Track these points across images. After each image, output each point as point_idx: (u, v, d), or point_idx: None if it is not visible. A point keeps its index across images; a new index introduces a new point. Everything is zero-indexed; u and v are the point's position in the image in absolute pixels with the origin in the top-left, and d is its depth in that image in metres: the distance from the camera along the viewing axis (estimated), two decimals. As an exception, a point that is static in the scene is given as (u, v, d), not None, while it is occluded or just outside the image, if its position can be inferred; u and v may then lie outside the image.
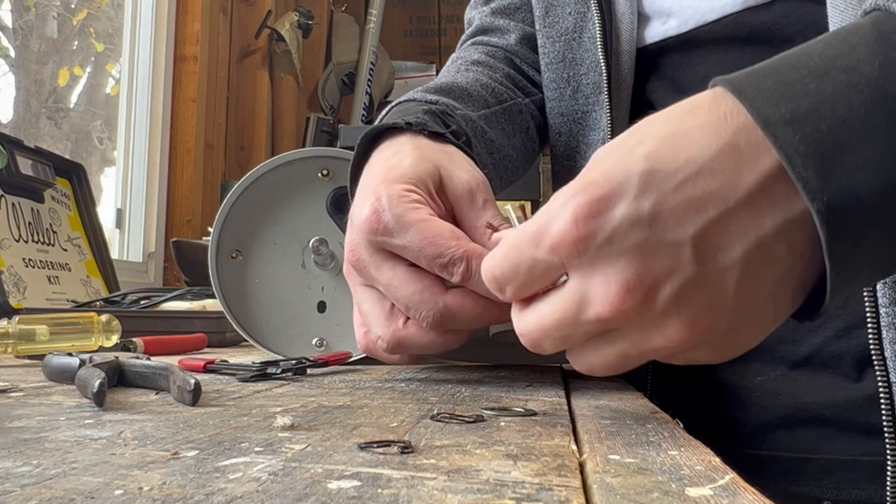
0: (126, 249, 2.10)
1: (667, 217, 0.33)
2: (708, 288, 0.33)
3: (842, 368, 0.58)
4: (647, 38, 0.70)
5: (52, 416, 0.37)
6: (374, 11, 2.92)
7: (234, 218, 0.70)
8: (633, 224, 0.33)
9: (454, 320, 0.48)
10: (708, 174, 0.33)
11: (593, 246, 0.33)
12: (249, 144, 2.57)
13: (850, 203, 0.31)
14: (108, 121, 2.24)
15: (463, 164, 0.53)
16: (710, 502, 0.23)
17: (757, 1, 0.62)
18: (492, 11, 0.81)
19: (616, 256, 0.33)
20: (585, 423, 0.36)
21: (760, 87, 0.33)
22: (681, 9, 0.67)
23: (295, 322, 0.70)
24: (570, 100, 0.74)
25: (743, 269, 0.33)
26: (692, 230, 0.32)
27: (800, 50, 0.35)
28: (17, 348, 0.67)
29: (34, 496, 0.22)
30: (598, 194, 0.33)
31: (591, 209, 0.33)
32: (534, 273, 0.36)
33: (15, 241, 1.21)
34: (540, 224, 0.35)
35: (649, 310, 0.33)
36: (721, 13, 0.64)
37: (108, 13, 2.27)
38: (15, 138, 1.29)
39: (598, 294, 0.34)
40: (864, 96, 0.32)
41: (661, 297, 0.33)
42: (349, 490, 0.23)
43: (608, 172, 0.34)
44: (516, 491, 0.23)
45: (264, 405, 0.41)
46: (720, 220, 0.32)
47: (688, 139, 0.33)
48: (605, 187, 0.33)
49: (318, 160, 0.70)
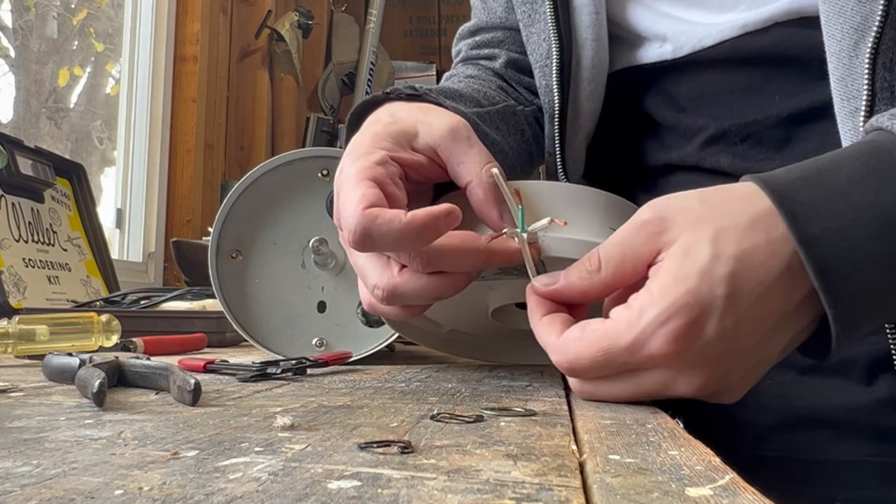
0: (126, 249, 2.10)
1: (743, 330, 0.41)
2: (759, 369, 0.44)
3: (853, 374, 0.58)
4: (645, 58, 0.70)
5: (52, 416, 0.37)
6: (374, 11, 2.92)
7: (234, 218, 0.70)
8: (719, 339, 0.40)
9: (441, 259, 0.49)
10: (773, 294, 0.41)
11: (689, 358, 0.41)
12: (249, 144, 2.57)
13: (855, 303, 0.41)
14: (108, 121, 2.24)
15: (439, 114, 0.53)
16: (710, 502, 0.23)
17: (755, 26, 0.62)
18: (476, 44, 0.82)
19: (703, 364, 0.41)
20: (585, 423, 0.36)
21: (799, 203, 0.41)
22: (675, 34, 0.67)
23: (295, 322, 0.70)
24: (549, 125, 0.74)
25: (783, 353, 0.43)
26: (759, 336, 0.42)
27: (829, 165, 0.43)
28: (17, 348, 0.67)
29: (34, 496, 0.22)
30: (693, 316, 0.40)
31: (688, 330, 0.40)
32: (618, 370, 0.42)
33: (15, 241, 1.21)
34: (637, 337, 0.41)
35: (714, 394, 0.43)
36: (718, 38, 0.64)
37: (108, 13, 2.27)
38: (15, 138, 1.29)
39: (683, 384, 0.42)
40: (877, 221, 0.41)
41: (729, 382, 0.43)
42: (349, 490, 0.23)
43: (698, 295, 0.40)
44: (516, 491, 0.23)
45: (264, 405, 0.41)
46: (777, 324, 0.42)
47: (756, 258, 0.41)
48: (696, 310, 0.40)
49: (318, 160, 0.70)
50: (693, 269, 0.40)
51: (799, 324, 0.42)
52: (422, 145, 0.52)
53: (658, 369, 0.42)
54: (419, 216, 0.45)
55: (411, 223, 0.44)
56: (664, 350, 0.40)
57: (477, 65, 0.82)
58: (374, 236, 0.45)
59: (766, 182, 0.42)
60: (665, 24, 0.67)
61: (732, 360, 0.42)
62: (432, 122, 0.52)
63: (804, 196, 0.41)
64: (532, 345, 0.65)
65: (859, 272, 0.40)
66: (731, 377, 0.42)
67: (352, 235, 0.46)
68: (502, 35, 0.81)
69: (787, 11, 0.61)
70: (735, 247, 0.41)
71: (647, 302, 0.41)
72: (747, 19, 0.63)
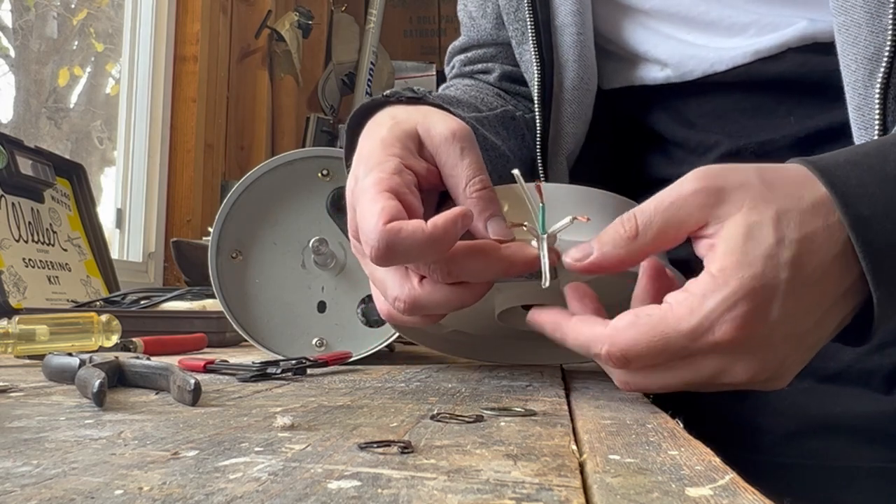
0: (126, 249, 2.09)
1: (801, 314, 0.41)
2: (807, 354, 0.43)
3: (872, 384, 0.58)
4: (646, 80, 0.69)
5: (52, 416, 0.37)
6: (374, 11, 2.92)
7: (234, 218, 0.70)
8: (780, 323, 0.40)
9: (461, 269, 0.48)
10: (827, 279, 0.41)
11: (752, 344, 0.40)
12: (249, 144, 2.57)
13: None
14: (108, 121, 2.24)
15: (440, 118, 0.52)
16: (710, 502, 0.23)
17: (768, 52, 0.62)
18: (469, 60, 0.82)
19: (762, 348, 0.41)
20: (585, 423, 0.36)
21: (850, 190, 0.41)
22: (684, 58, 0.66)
23: (295, 322, 0.70)
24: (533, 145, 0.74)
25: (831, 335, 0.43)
26: (814, 319, 0.42)
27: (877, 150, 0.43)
28: (17, 348, 0.67)
29: (34, 496, 0.22)
30: (758, 302, 0.40)
31: (755, 317, 0.40)
32: (676, 356, 0.41)
33: (15, 241, 1.21)
34: (700, 323, 0.40)
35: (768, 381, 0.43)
36: (731, 64, 0.63)
37: (108, 13, 2.27)
38: (15, 138, 1.29)
39: (742, 371, 0.41)
40: None
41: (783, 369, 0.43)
42: (349, 490, 0.23)
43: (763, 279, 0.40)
44: (516, 491, 0.23)
45: (264, 405, 0.41)
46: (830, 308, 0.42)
47: (815, 243, 0.41)
48: (761, 295, 0.40)
49: (318, 160, 0.70)
50: (758, 253, 0.40)
51: (846, 307, 0.43)
52: (424, 152, 0.51)
53: (716, 356, 0.41)
54: (440, 224, 0.44)
55: (434, 233, 0.44)
56: (730, 335, 0.40)
57: (473, 77, 0.81)
58: (399, 251, 0.44)
59: (816, 165, 0.42)
60: (668, 47, 0.67)
61: (791, 345, 0.41)
62: (431, 128, 0.51)
63: (854, 179, 0.41)
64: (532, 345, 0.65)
65: None
66: (785, 362, 0.42)
67: (375, 251, 0.44)
68: (494, 51, 0.80)
69: (802, 37, 0.60)
70: (797, 231, 0.41)
71: (710, 287, 0.40)
72: (760, 45, 0.62)
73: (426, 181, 0.51)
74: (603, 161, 0.74)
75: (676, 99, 0.68)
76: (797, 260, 0.40)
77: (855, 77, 0.54)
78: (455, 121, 0.52)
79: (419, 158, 0.50)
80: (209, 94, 2.30)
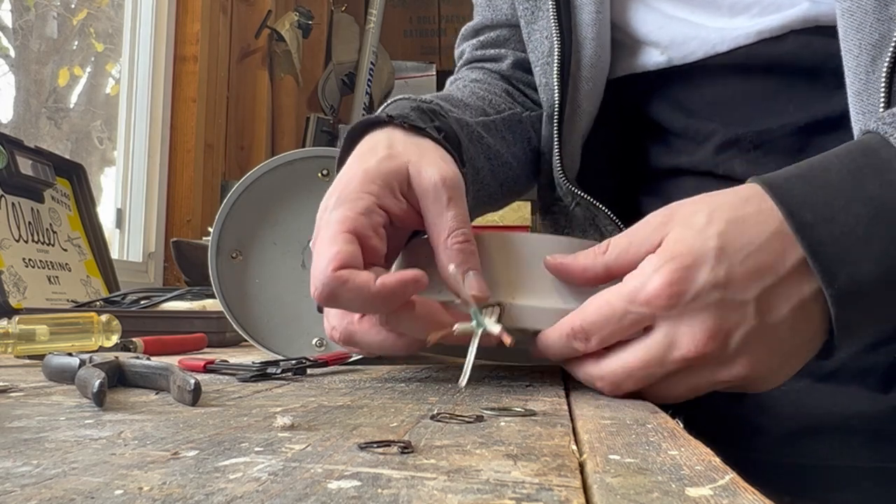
0: (126, 249, 2.09)
1: (736, 282, 0.43)
2: (767, 336, 0.44)
3: (870, 381, 0.58)
4: (647, 66, 0.69)
5: (52, 416, 0.37)
6: (374, 11, 2.92)
7: (234, 218, 0.70)
8: (712, 287, 0.43)
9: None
10: (763, 252, 0.43)
11: (682, 302, 0.43)
12: (249, 144, 2.56)
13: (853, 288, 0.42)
14: (108, 121, 2.24)
15: (433, 159, 0.52)
16: (710, 502, 0.23)
17: (770, 33, 0.62)
18: (481, 44, 0.81)
19: (700, 311, 0.43)
20: (585, 423, 0.36)
21: (791, 195, 0.44)
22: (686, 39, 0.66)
23: (295, 322, 0.70)
24: (547, 123, 0.74)
25: (792, 321, 0.44)
26: (754, 293, 0.43)
27: (820, 161, 0.46)
28: (17, 348, 0.67)
29: (34, 496, 0.22)
30: (686, 263, 0.43)
31: (681, 274, 0.43)
32: (623, 323, 0.44)
33: (15, 241, 1.21)
34: (635, 285, 0.44)
35: (723, 353, 0.43)
36: (733, 45, 0.64)
37: (108, 13, 2.27)
38: (15, 138, 1.29)
39: (685, 338, 0.43)
40: (867, 209, 0.43)
41: (733, 342, 0.43)
42: (349, 490, 0.23)
43: (691, 247, 0.44)
44: (516, 491, 0.23)
45: (264, 405, 0.41)
46: (774, 286, 0.43)
47: (746, 224, 0.44)
48: (689, 258, 0.43)
49: (318, 160, 0.70)
50: (689, 232, 0.44)
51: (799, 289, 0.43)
52: (409, 192, 0.50)
53: (661, 324, 0.44)
54: (388, 284, 0.45)
55: (381, 291, 0.45)
56: (659, 291, 0.43)
57: (482, 68, 0.81)
58: (341, 300, 0.46)
59: (763, 179, 0.46)
60: (671, 28, 0.67)
61: (734, 314, 0.43)
62: (422, 170, 0.50)
63: (798, 189, 0.44)
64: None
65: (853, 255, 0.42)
66: (734, 334, 0.43)
67: (318, 294, 0.45)
68: (507, 33, 0.80)
69: (805, 19, 0.60)
70: (728, 214, 0.44)
71: (649, 259, 0.44)
72: (762, 25, 0.62)
73: (402, 221, 0.51)
74: (610, 148, 0.74)
75: (676, 86, 0.68)
76: (726, 233, 0.44)
77: (857, 62, 0.54)
78: (448, 166, 0.52)
79: (398, 199, 0.50)
80: (209, 94, 2.30)
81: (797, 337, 0.45)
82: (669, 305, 0.43)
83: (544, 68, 0.72)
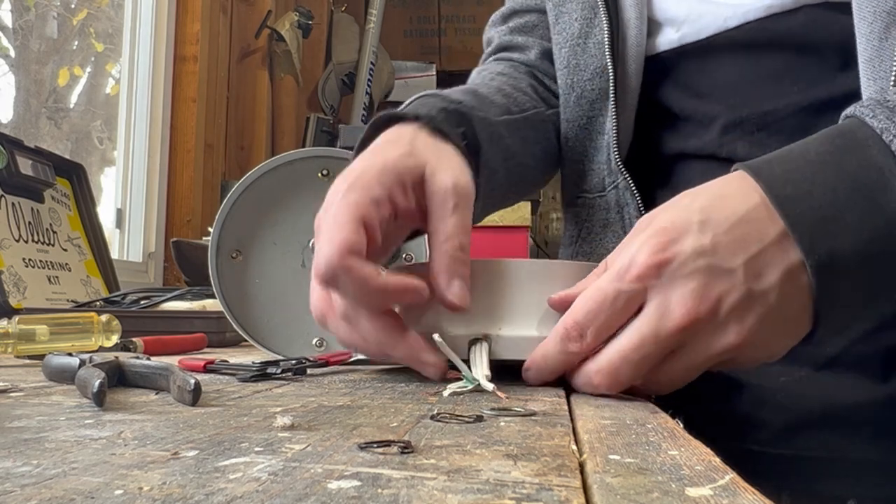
0: (126, 249, 2.09)
1: (722, 250, 0.44)
2: (758, 302, 0.44)
3: (868, 369, 0.58)
4: (661, 46, 0.70)
5: (52, 416, 0.37)
6: (374, 11, 2.92)
7: (234, 218, 0.70)
8: (698, 254, 0.44)
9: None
10: (746, 223, 0.44)
11: (670, 269, 0.44)
12: (249, 144, 2.56)
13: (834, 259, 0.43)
14: (108, 121, 2.24)
15: (450, 165, 0.53)
16: (710, 502, 0.23)
17: (781, 7, 0.62)
18: (510, 30, 0.83)
19: (688, 277, 0.43)
20: (585, 423, 0.36)
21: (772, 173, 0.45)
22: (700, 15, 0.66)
23: (295, 322, 0.70)
24: (575, 105, 0.74)
25: (780, 289, 0.44)
26: (741, 259, 0.44)
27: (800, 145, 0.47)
28: (17, 348, 0.67)
29: (34, 496, 0.22)
30: (670, 235, 0.44)
31: (665, 244, 0.44)
32: (616, 306, 0.45)
33: (15, 241, 1.21)
34: (622, 264, 0.45)
35: (715, 318, 0.43)
36: (743, 19, 0.64)
37: (108, 13, 2.27)
38: (15, 138, 1.29)
39: (676, 307, 0.43)
40: (845, 185, 0.44)
41: (724, 307, 0.43)
42: (349, 490, 0.23)
43: (673, 221, 0.45)
44: (516, 491, 0.23)
45: (264, 405, 0.41)
46: (761, 253, 0.44)
47: (728, 199, 0.45)
48: (672, 230, 0.44)
49: (318, 160, 0.70)
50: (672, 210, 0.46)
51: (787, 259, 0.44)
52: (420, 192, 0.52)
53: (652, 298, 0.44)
54: (391, 283, 0.47)
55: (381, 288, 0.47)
56: (646, 263, 0.44)
57: (509, 59, 0.82)
58: (340, 284, 0.47)
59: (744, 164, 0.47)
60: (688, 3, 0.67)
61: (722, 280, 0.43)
62: (436, 173, 0.52)
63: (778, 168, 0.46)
64: None
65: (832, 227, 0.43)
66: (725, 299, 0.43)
67: (320, 272, 0.47)
68: (536, 19, 0.81)
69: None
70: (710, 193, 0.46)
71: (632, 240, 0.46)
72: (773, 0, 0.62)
73: (405, 218, 0.52)
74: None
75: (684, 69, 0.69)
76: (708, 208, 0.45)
77: (870, 29, 0.54)
78: (463, 175, 0.53)
79: (408, 196, 0.52)
80: (209, 94, 2.30)
81: (787, 307, 0.44)
82: (658, 275, 0.43)
83: (574, 49, 0.73)
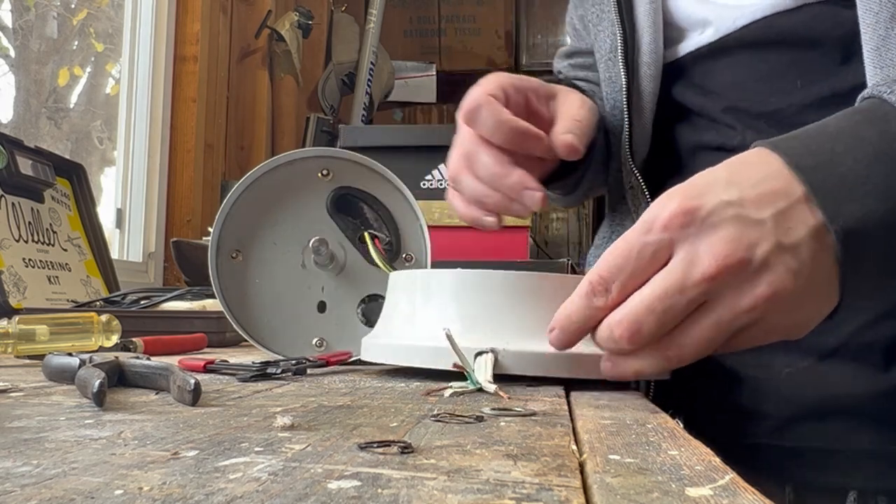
0: (126, 249, 2.09)
1: (749, 203, 0.44)
2: (789, 253, 0.43)
3: (870, 359, 0.59)
4: (683, 50, 0.72)
5: (52, 416, 0.37)
6: (374, 11, 2.92)
7: (234, 218, 0.70)
8: (726, 205, 0.43)
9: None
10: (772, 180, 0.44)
11: (698, 218, 0.43)
12: (249, 144, 2.56)
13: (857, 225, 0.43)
14: (108, 121, 2.24)
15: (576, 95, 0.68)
16: (710, 502, 0.23)
17: (785, 5, 0.64)
18: (576, 65, 0.91)
19: (717, 226, 0.43)
20: (585, 423, 0.36)
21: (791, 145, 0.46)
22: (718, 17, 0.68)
23: (295, 322, 0.70)
24: (610, 116, 0.78)
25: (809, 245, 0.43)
26: (770, 212, 0.43)
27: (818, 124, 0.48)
28: (17, 348, 0.67)
29: (34, 496, 0.22)
30: (697, 190, 0.44)
31: (693, 196, 0.44)
32: (643, 257, 0.44)
33: (15, 241, 1.21)
34: (649, 216, 0.44)
35: (747, 266, 0.43)
36: (751, 18, 0.66)
37: (108, 13, 2.27)
38: (15, 138, 1.28)
39: (706, 254, 0.42)
40: (866, 152, 0.45)
41: (755, 257, 0.43)
42: (349, 490, 0.23)
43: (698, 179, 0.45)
44: (516, 491, 0.23)
45: (264, 405, 0.41)
46: (788, 209, 0.44)
47: (750, 166, 0.46)
48: (698, 188, 0.44)
49: (318, 160, 0.70)
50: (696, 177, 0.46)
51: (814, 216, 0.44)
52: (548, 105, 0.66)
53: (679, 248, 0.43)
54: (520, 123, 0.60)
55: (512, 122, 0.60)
56: (674, 213, 0.43)
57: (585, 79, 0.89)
58: (480, 115, 0.60)
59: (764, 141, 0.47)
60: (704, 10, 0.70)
61: (752, 230, 0.43)
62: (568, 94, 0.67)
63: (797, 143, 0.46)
64: None
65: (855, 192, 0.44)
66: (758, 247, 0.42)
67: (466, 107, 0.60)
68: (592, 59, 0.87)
69: None
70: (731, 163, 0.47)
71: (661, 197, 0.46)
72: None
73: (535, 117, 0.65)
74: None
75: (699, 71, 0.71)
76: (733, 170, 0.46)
77: (876, 18, 0.55)
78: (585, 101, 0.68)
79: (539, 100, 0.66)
80: (209, 94, 2.30)
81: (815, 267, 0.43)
82: (686, 224, 0.43)
83: (608, 63, 0.77)
